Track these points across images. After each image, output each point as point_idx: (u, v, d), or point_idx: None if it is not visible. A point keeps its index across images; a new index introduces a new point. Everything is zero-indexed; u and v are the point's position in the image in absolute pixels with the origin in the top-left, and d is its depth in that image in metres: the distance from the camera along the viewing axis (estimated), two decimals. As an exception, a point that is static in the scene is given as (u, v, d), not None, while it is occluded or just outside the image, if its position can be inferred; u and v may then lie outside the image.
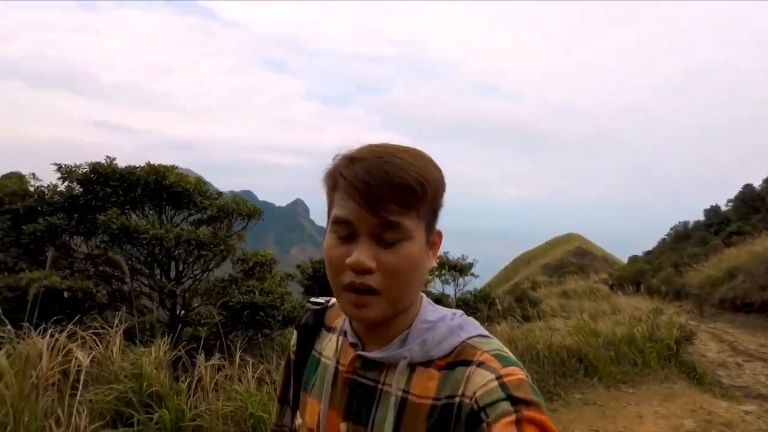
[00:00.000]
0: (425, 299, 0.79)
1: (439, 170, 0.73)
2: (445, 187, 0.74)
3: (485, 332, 0.75)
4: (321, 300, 0.94)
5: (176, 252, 5.09)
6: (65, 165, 4.60)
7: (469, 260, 11.46)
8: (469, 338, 0.73)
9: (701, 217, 32.07)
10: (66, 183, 4.72)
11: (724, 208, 30.30)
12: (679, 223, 33.98)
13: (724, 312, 15.08)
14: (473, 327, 0.76)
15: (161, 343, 3.18)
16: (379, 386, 0.75)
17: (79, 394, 2.42)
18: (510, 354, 0.71)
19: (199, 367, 3.14)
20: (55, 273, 3.79)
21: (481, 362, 0.68)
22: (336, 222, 0.70)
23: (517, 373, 0.66)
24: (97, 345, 3.02)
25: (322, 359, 0.86)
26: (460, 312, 0.80)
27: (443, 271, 11.03)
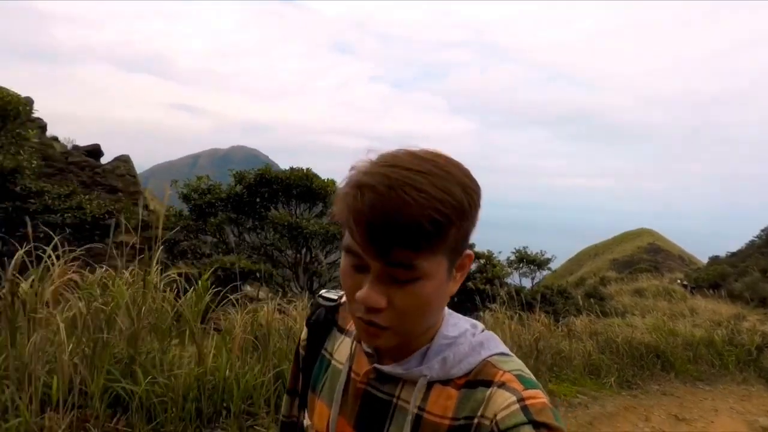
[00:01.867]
0: (447, 312, 0.76)
1: (467, 188, 0.63)
2: (479, 203, 0.65)
3: (506, 350, 0.74)
4: (333, 296, 0.90)
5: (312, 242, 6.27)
6: (238, 171, 5.89)
7: (548, 256, 12.01)
8: (489, 356, 0.71)
9: (797, 220, 29.70)
10: (239, 186, 6.04)
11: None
12: (771, 224, 31.62)
13: (817, 323, 14.50)
14: (494, 344, 0.74)
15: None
16: (394, 400, 0.72)
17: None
18: (531, 375, 0.69)
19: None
20: (240, 257, 5.04)
21: (503, 383, 0.66)
22: (346, 250, 0.66)
23: (540, 397, 0.64)
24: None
25: (333, 362, 0.84)
26: (480, 326, 0.78)
27: (521, 265, 11.69)
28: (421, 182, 0.59)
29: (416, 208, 0.58)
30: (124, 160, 10.28)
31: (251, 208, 6.15)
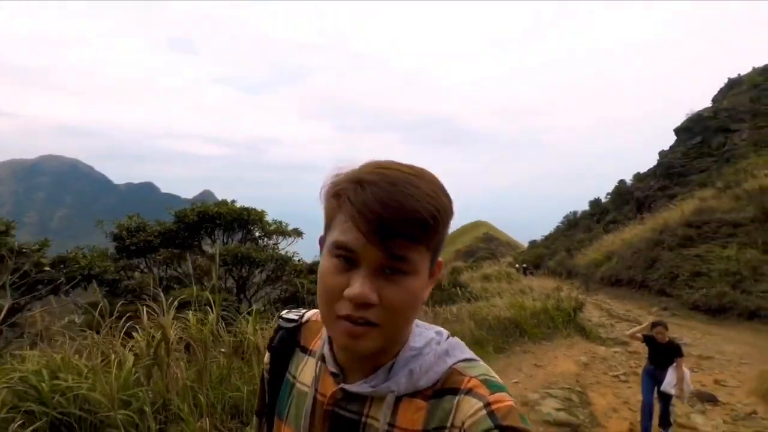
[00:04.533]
0: (414, 322, 0.75)
1: (449, 198, 0.68)
2: (453, 216, 0.68)
3: (471, 355, 0.73)
4: (293, 316, 0.88)
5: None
6: (180, 209, 6.35)
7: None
8: (455, 363, 0.71)
9: (587, 208, 38.27)
10: (177, 223, 6.50)
11: (604, 200, 36.58)
12: (570, 212, 40.12)
13: (603, 287, 19.56)
14: (459, 350, 0.73)
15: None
16: (363, 419, 0.71)
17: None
18: (497, 377, 0.69)
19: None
20: (197, 288, 5.65)
21: (469, 389, 0.66)
22: (337, 247, 0.65)
23: (506, 400, 0.64)
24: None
25: (297, 384, 0.81)
26: (446, 333, 0.77)
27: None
28: (417, 182, 0.64)
29: (417, 201, 0.62)
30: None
31: (186, 243, 6.63)
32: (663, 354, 4.94)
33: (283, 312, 0.91)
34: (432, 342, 0.73)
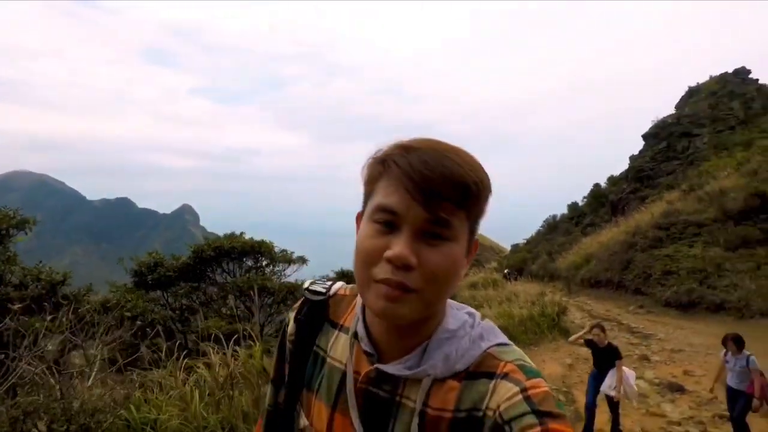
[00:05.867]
0: (448, 302, 0.75)
1: (488, 175, 0.69)
2: (491, 194, 0.70)
3: (505, 339, 0.74)
4: (320, 288, 0.88)
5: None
6: (196, 245, 6.92)
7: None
8: (489, 347, 0.71)
9: (565, 211, 39.62)
10: (191, 257, 7.08)
11: (581, 203, 37.96)
12: (550, 216, 41.46)
13: (584, 288, 20.54)
14: (493, 335, 0.74)
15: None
16: (397, 398, 0.72)
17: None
18: (532, 363, 0.70)
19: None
20: (217, 320, 6.23)
21: (506, 374, 0.67)
22: (379, 210, 0.66)
23: (542, 386, 0.65)
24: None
25: (329, 359, 0.81)
26: (478, 315, 0.78)
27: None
28: (461, 152, 0.67)
29: (461, 167, 0.64)
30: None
31: (201, 275, 7.19)
32: (603, 357, 5.06)
33: (307, 283, 0.90)
34: (466, 324, 0.74)
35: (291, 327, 0.88)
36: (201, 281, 7.31)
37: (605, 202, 33.08)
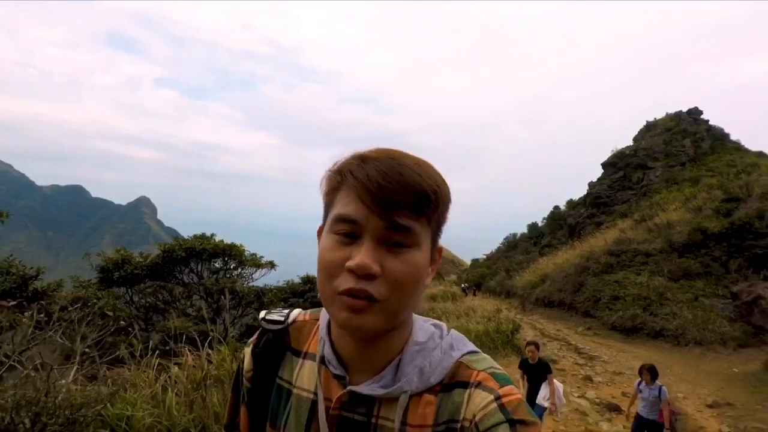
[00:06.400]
0: (414, 316, 0.75)
1: (446, 183, 0.69)
2: (451, 202, 0.70)
3: (473, 347, 0.75)
4: (278, 317, 0.83)
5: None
6: (167, 244, 6.94)
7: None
8: (461, 357, 0.72)
9: (525, 230, 41.06)
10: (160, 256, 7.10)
11: (540, 224, 39.46)
12: (510, 234, 42.82)
13: (538, 307, 21.40)
14: (462, 344, 0.74)
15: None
16: (373, 420, 0.70)
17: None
18: (502, 370, 0.71)
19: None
20: (184, 320, 6.28)
21: (479, 382, 0.68)
22: (339, 221, 0.65)
23: (514, 393, 0.66)
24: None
25: (295, 390, 0.77)
26: (443, 326, 0.78)
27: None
28: (418, 161, 0.67)
29: (419, 175, 0.65)
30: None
31: (169, 274, 7.21)
32: (536, 372, 5.40)
33: (263, 313, 0.85)
34: (434, 336, 0.74)
35: (247, 362, 0.82)
36: (167, 280, 7.32)
37: (563, 225, 34.52)
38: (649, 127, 34.69)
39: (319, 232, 0.73)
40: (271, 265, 8.48)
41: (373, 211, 0.63)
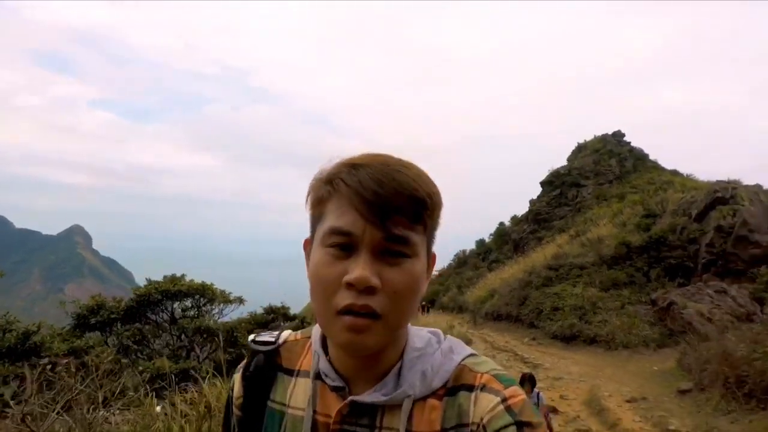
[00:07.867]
0: (408, 326, 0.73)
1: (438, 188, 0.68)
2: (443, 206, 0.69)
3: (472, 350, 0.74)
4: (269, 338, 0.80)
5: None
6: (143, 287, 7.35)
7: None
8: (463, 360, 0.71)
9: (473, 247, 42.92)
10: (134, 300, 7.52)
11: (487, 240, 41.46)
12: (460, 251, 44.55)
13: (488, 321, 22.62)
14: (460, 347, 0.73)
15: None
16: (376, 430, 0.68)
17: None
18: (505, 371, 0.70)
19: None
20: (165, 360, 6.73)
21: (484, 385, 0.67)
22: (332, 233, 0.63)
23: (519, 394, 0.66)
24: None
25: (290, 411, 0.74)
26: (438, 331, 0.77)
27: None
28: (410, 167, 0.65)
29: (414, 182, 0.63)
30: None
31: (143, 316, 7.60)
32: None
33: (252, 336, 0.82)
34: (432, 341, 0.73)
35: (237, 388, 0.80)
36: (141, 322, 7.70)
37: (508, 240, 36.59)
38: (581, 149, 37.83)
39: (306, 244, 0.72)
40: (240, 300, 9.00)
41: (370, 221, 0.62)
